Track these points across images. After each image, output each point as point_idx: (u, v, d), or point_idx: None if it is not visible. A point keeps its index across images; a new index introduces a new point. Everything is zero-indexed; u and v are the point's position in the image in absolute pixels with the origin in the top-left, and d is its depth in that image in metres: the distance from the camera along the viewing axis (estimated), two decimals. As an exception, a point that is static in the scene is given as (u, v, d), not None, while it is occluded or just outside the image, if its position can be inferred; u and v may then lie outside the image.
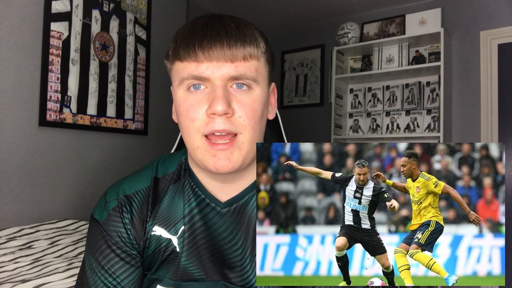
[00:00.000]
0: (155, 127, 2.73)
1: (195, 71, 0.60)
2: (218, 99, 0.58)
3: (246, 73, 0.60)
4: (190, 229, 0.68)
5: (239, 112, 0.60)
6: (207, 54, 0.59)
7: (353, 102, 3.51)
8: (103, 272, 0.65)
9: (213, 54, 0.59)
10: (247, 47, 0.60)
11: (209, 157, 0.61)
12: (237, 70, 0.59)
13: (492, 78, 2.91)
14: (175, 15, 2.93)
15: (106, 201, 0.69)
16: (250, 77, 0.61)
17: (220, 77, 0.59)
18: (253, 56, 0.61)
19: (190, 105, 0.61)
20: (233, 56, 0.59)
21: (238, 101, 0.60)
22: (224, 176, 0.67)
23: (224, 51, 0.59)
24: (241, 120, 0.60)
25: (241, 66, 0.60)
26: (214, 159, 0.61)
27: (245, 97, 0.61)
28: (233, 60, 0.59)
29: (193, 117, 0.61)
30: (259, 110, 0.62)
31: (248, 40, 0.60)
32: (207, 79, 0.60)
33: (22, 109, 2.01)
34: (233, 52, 0.59)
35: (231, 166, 0.61)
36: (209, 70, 0.59)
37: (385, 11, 3.40)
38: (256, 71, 0.61)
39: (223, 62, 0.59)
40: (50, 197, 2.14)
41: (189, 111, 0.61)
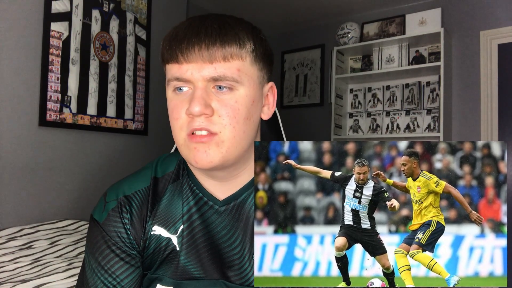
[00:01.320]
0: (155, 127, 2.73)
1: (177, 73, 0.61)
2: (194, 100, 0.59)
3: (225, 74, 0.60)
4: (189, 228, 0.68)
5: (219, 111, 0.60)
6: (186, 56, 0.60)
7: (353, 102, 3.51)
8: (103, 272, 0.66)
9: (191, 56, 0.59)
10: (227, 47, 0.60)
11: (190, 151, 0.62)
12: (216, 71, 0.60)
13: (492, 78, 2.91)
14: (175, 15, 2.93)
15: (106, 201, 0.69)
16: (231, 78, 0.60)
17: (200, 78, 0.60)
18: (235, 56, 0.61)
19: (174, 106, 0.63)
20: (211, 57, 0.59)
21: (219, 101, 0.61)
22: (215, 175, 0.67)
23: (202, 52, 0.59)
24: (220, 120, 0.60)
25: (220, 67, 0.60)
26: (194, 152, 0.61)
27: (227, 97, 0.61)
28: (211, 61, 0.59)
29: (176, 117, 0.62)
30: (242, 111, 0.62)
31: (228, 40, 0.60)
32: (189, 81, 0.61)
33: (22, 109, 2.01)
34: (211, 53, 0.59)
35: (209, 161, 0.61)
36: (189, 72, 0.60)
37: (385, 11, 3.40)
38: (239, 71, 0.61)
39: (201, 64, 0.60)
40: (50, 197, 2.13)
41: (173, 111, 0.63)
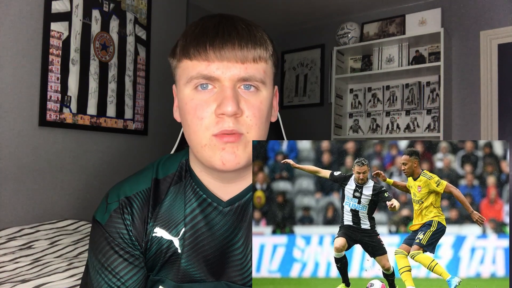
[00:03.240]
0: (155, 127, 2.73)
1: (205, 70, 0.60)
2: (228, 99, 0.58)
3: (255, 74, 0.61)
4: (192, 229, 0.67)
5: (247, 112, 0.61)
6: (218, 54, 0.59)
7: (353, 102, 3.51)
8: (106, 273, 0.65)
9: (224, 54, 0.59)
10: (257, 49, 0.61)
11: (217, 151, 0.61)
12: (247, 71, 0.60)
13: (492, 78, 2.91)
14: (175, 15, 2.93)
15: (108, 203, 0.69)
16: (259, 79, 0.61)
17: (230, 77, 0.60)
18: (262, 58, 0.62)
19: (198, 104, 0.61)
20: (244, 58, 0.60)
21: (246, 102, 0.61)
22: (225, 176, 0.67)
23: (235, 51, 0.59)
24: (248, 120, 0.61)
25: (250, 67, 0.60)
26: (222, 152, 0.61)
27: (253, 98, 0.62)
28: (243, 61, 0.60)
29: (201, 116, 0.60)
30: (265, 111, 0.63)
31: (258, 42, 0.61)
32: (217, 79, 0.60)
33: (22, 109, 2.01)
34: (244, 53, 0.59)
35: (237, 162, 0.61)
36: (219, 70, 0.59)
37: (385, 11, 3.40)
38: (264, 73, 0.62)
39: (233, 63, 0.59)
40: (50, 197, 2.14)
41: (197, 110, 0.61)
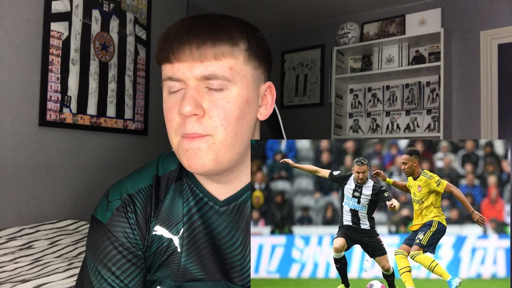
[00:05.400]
0: (155, 127, 2.73)
1: (169, 72, 0.61)
2: (185, 100, 0.59)
3: (216, 72, 0.59)
4: (190, 229, 0.67)
5: (210, 112, 0.60)
6: (177, 55, 0.59)
7: (353, 102, 3.50)
8: (109, 275, 0.64)
9: (182, 55, 0.59)
10: (219, 45, 0.59)
11: (183, 154, 0.61)
12: (207, 69, 0.59)
13: (492, 78, 2.90)
14: (175, 15, 2.93)
15: (109, 201, 0.68)
16: (222, 77, 0.59)
17: (192, 77, 0.59)
18: (227, 54, 0.60)
19: (169, 107, 0.62)
20: (202, 56, 0.59)
21: (210, 101, 0.60)
22: (217, 178, 0.66)
23: (192, 51, 0.59)
24: (211, 121, 0.60)
25: (211, 65, 0.59)
26: (186, 155, 0.61)
27: (218, 97, 0.60)
28: (202, 60, 0.59)
29: (170, 118, 0.62)
30: (234, 111, 0.61)
31: (220, 39, 0.59)
32: (181, 80, 0.60)
33: (22, 109, 2.01)
34: (201, 51, 0.59)
35: (201, 164, 0.60)
36: (180, 71, 0.60)
37: (385, 11, 3.40)
38: (231, 69, 0.60)
39: (192, 62, 0.59)
40: (50, 197, 2.13)
41: (168, 113, 0.63)
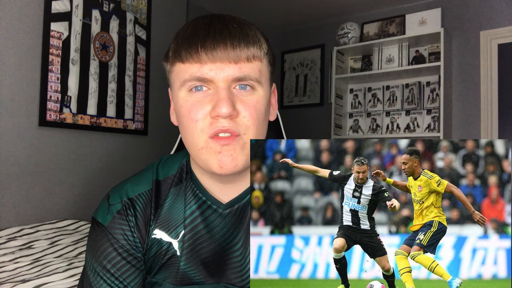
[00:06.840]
0: (155, 127, 2.73)
1: (198, 72, 0.59)
2: (222, 101, 0.57)
3: (249, 74, 0.60)
4: (191, 232, 0.67)
5: (244, 112, 0.60)
6: (211, 55, 0.58)
7: (353, 102, 3.50)
8: (109, 276, 0.64)
9: (216, 55, 0.58)
10: (251, 48, 0.60)
11: (213, 155, 0.60)
12: (241, 71, 0.59)
13: (492, 78, 2.90)
14: (175, 15, 2.93)
15: (110, 204, 0.68)
16: (254, 78, 0.60)
17: (224, 78, 0.59)
18: (256, 57, 0.61)
19: (192, 106, 0.60)
20: (237, 57, 0.58)
21: (242, 102, 0.60)
22: (225, 177, 0.66)
23: (227, 52, 0.58)
24: (245, 121, 0.60)
25: (244, 67, 0.59)
26: (219, 156, 0.59)
27: (249, 98, 0.60)
28: (236, 61, 0.59)
29: (196, 118, 0.59)
30: (262, 111, 0.62)
31: (251, 41, 0.60)
32: (210, 81, 0.59)
33: (22, 109, 2.01)
34: (236, 53, 0.58)
35: (235, 164, 0.60)
36: (212, 72, 0.58)
37: (385, 11, 3.39)
38: (259, 72, 0.61)
39: (226, 63, 0.58)
40: (50, 197, 2.13)
41: (191, 112, 0.60)
